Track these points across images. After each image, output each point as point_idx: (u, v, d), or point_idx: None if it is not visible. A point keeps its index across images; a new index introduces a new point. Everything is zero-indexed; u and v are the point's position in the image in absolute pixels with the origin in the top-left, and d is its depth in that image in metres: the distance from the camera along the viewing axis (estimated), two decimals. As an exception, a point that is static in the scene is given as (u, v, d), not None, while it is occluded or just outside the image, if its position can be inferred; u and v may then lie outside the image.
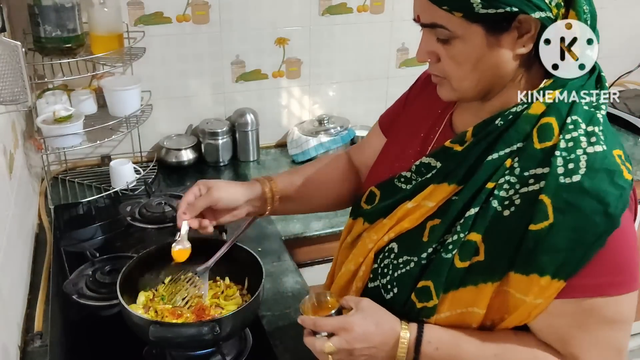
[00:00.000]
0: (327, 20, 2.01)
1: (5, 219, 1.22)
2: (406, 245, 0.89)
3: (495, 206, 0.80)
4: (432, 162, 0.89)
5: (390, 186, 0.95)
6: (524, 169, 0.79)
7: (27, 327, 1.23)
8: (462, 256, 0.82)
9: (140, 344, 1.10)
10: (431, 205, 0.86)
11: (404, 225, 0.89)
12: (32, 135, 1.67)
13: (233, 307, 1.11)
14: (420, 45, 0.85)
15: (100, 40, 1.61)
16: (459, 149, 0.85)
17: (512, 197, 0.79)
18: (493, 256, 0.80)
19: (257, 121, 1.99)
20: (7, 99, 1.19)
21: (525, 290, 0.78)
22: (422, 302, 0.85)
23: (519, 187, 0.79)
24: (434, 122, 0.97)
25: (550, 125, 0.78)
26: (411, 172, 0.92)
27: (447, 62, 0.81)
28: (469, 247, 0.81)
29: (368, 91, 2.19)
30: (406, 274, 0.87)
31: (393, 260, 0.90)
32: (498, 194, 0.80)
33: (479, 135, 0.83)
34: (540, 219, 0.76)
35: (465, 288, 0.83)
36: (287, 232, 1.60)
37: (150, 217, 1.56)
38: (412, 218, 0.88)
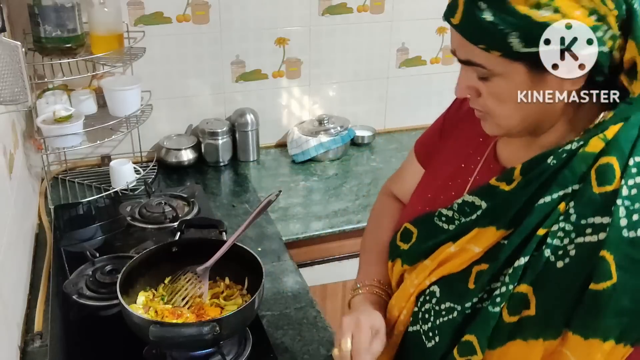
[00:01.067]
0: (327, 20, 2.01)
1: (5, 219, 1.21)
2: (449, 290, 0.82)
3: (547, 256, 0.72)
4: (477, 201, 0.81)
5: (429, 224, 0.87)
6: (580, 216, 0.71)
7: (27, 327, 1.23)
8: (510, 310, 0.74)
9: (140, 344, 1.10)
10: (477, 250, 0.79)
11: (447, 269, 0.82)
12: (32, 135, 1.67)
13: (233, 307, 1.11)
14: (460, 80, 0.77)
15: (100, 40, 1.61)
16: (506, 189, 0.77)
17: (566, 246, 0.72)
18: (546, 311, 0.73)
19: (257, 121, 1.99)
20: (7, 99, 1.19)
21: (585, 356, 0.70)
22: (464, 357, 0.78)
23: (574, 236, 0.71)
24: (474, 151, 0.89)
25: (611, 166, 0.70)
26: (453, 211, 0.84)
27: (489, 99, 0.75)
28: (519, 299, 0.74)
29: (368, 91, 2.19)
30: (448, 323, 0.81)
31: (434, 305, 0.83)
32: (551, 243, 0.72)
33: (529, 174, 0.75)
34: (602, 278, 0.68)
35: (514, 342, 0.75)
36: (287, 232, 1.60)
37: (150, 217, 1.56)
38: (455, 262, 0.81)
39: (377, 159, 2.06)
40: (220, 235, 1.38)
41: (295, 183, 1.89)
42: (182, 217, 1.55)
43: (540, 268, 0.73)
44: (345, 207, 1.73)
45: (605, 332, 0.69)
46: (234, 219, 1.64)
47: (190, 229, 1.42)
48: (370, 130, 2.17)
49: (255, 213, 1.15)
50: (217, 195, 1.81)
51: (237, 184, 1.90)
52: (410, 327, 0.88)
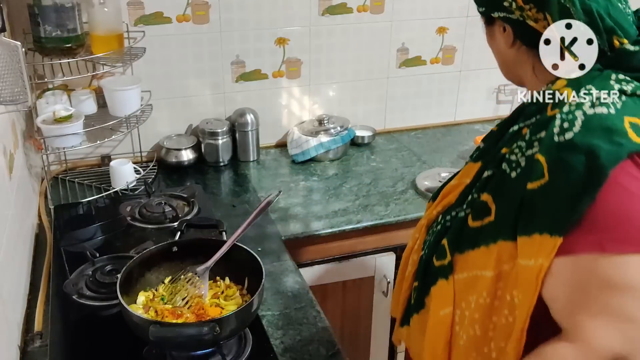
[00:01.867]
0: (327, 20, 2.01)
1: (5, 219, 1.21)
2: (448, 214, 0.98)
3: (504, 168, 0.86)
4: (481, 144, 0.98)
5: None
6: (532, 133, 0.83)
7: (27, 327, 1.23)
8: (474, 215, 0.88)
9: (140, 344, 1.10)
10: (467, 181, 0.95)
11: (449, 200, 0.99)
12: (32, 135, 1.67)
13: (233, 307, 1.11)
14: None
15: (100, 40, 1.61)
16: (494, 130, 0.95)
17: (519, 159, 0.84)
18: (500, 215, 0.84)
19: (257, 121, 1.99)
20: (7, 99, 1.19)
21: (530, 253, 0.78)
22: (439, 261, 0.93)
23: (525, 150, 0.83)
24: None
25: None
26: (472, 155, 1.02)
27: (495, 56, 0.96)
28: (481, 206, 0.87)
29: (368, 91, 2.19)
30: (433, 236, 0.97)
31: (436, 227, 0.99)
32: (509, 158, 0.86)
33: (510, 116, 0.92)
34: (537, 178, 0.78)
35: (478, 249, 0.87)
36: (287, 232, 1.60)
37: (150, 217, 1.56)
38: (454, 193, 0.98)
39: (377, 159, 2.06)
40: (220, 235, 1.38)
41: (295, 183, 1.89)
42: (182, 217, 1.55)
43: (498, 178, 0.87)
44: (345, 207, 1.73)
45: (541, 226, 0.77)
46: (234, 219, 1.64)
47: (190, 229, 1.42)
48: (370, 130, 2.17)
49: (255, 213, 1.15)
50: (217, 195, 1.81)
51: (237, 184, 1.90)
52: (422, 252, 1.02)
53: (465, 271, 0.89)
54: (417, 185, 1.82)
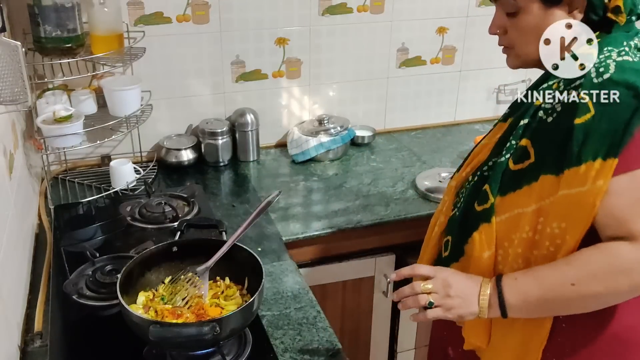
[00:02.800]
0: (327, 20, 2.01)
1: (5, 219, 1.21)
2: (478, 171, 1.06)
3: (540, 115, 0.97)
4: (507, 111, 1.08)
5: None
6: (566, 85, 0.95)
7: (27, 327, 1.23)
8: (515, 159, 0.98)
9: (140, 344, 1.10)
10: (496, 138, 1.06)
11: (480, 158, 1.08)
12: (32, 135, 1.67)
13: (233, 307, 1.11)
14: (493, 20, 1.03)
15: (100, 40, 1.61)
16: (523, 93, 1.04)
17: (554, 106, 0.95)
18: (542, 155, 0.94)
19: (257, 121, 1.99)
20: (7, 99, 1.19)
21: (582, 180, 0.89)
22: (480, 205, 1.01)
23: (560, 97, 0.95)
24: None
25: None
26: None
27: (514, 33, 1.00)
28: (520, 150, 0.97)
29: (368, 91, 2.19)
30: (470, 186, 1.06)
31: (467, 185, 1.08)
32: (544, 106, 0.97)
33: (536, 81, 1.03)
34: (583, 112, 0.89)
35: (520, 190, 0.96)
36: (287, 232, 1.60)
37: (150, 217, 1.56)
38: (483, 152, 1.07)
39: (377, 159, 2.06)
40: (220, 235, 1.38)
41: (295, 183, 1.89)
42: (182, 217, 1.55)
43: (535, 124, 0.97)
44: (345, 207, 1.73)
45: (595, 153, 0.88)
46: (234, 219, 1.64)
47: (190, 229, 1.42)
48: (370, 130, 2.17)
49: (255, 213, 1.15)
50: (217, 195, 1.81)
51: (237, 184, 1.90)
52: (452, 213, 1.11)
53: (507, 211, 0.98)
54: (417, 185, 1.82)
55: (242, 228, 1.14)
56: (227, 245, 1.13)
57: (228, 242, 1.14)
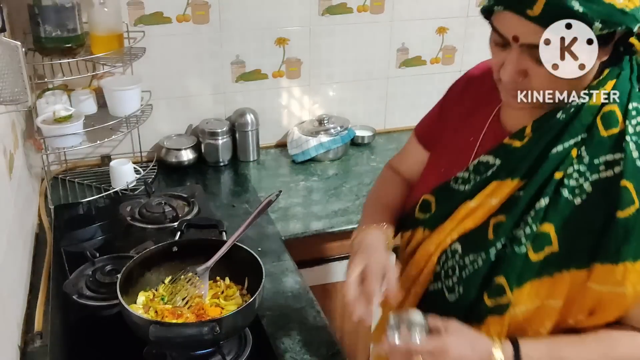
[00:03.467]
0: (327, 20, 2.01)
1: (5, 219, 1.21)
2: (471, 244, 0.89)
3: (566, 196, 0.81)
4: (491, 159, 0.90)
5: (446, 190, 0.95)
6: (593, 156, 0.81)
7: (27, 327, 1.23)
8: (535, 248, 0.82)
9: (140, 344, 1.10)
10: (495, 202, 0.87)
11: (467, 225, 0.89)
12: (32, 135, 1.67)
13: (233, 307, 1.11)
14: (509, 65, 0.81)
15: (100, 40, 1.61)
16: (518, 145, 0.87)
17: (582, 185, 0.81)
18: (569, 245, 0.81)
19: (257, 121, 1.99)
20: (7, 99, 1.19)
21: (618, 281, 0.79)
22: (493, 299, 0.85)
23: (589, 175, 0.81)
24: (480, 124, 0.97)
25: (614, 112, 0.81)
26: (469, 172, 0.92)
27: (541, 81, 0.81)
28: (543, 238, 0.82)
29: (368, 91, 2.19)
30: (474, 273, 0.87)
31: (458, 261, 0.90)
32: (568, 184, 0.82)
33: (539, 130, 0.85)
34: (626, 205, 0.78)
35: (540, 279, 0.83)
36: (287, 232, 1.60)
37: (150, 217, 1.56)
38: (475, 217, 0.89)
39: (377, 159, 2.06)
40: (220, 235, 1.38)
41: (295, 183, 1.89)
42: (182, 217, 1.55)
43: (561, 207, 0.81)
44: (345, 207, 1.73)
45: (635, 253, 0.78)
46: (234, 219, 1.64)
47: (190, 229, 1.42)
48: (370, 130, 2.17)
49: (255, 213, 1.15)
50: (217, 195, 1.81)
51: (237, 184, 1.90)
52: (431, 285, 0.94)
53: (523, 303, 0.84)
54: (417, 185, 1.82)
55: (242, 228, 1.14)
56: (227, 245, 1.13)
57: (228, 242, 1.14)
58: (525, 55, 0.79)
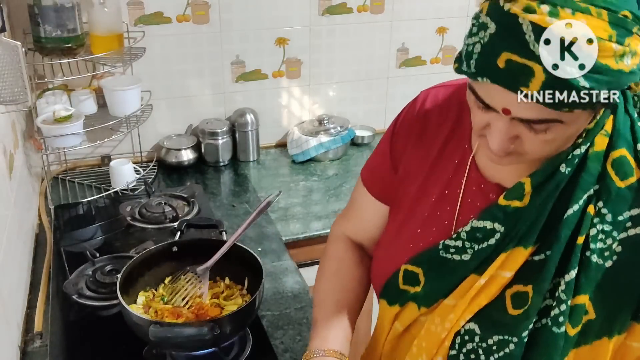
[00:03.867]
0: (327, 20, 2.01)
1: (5, 219, 1.21)
2: (490, 322, 0.79)
3: (595, 261, 0.73)
4: (489, 224, 0.78)
5: (434, 259, 0.83)
6: (616, 213, 0.73)
7: (27, 327, 1.23)
8: (573, 322, 0.74)
9: (140, 344, 1.10)
10: (508, 275, 0.77)
11: (481, 302, 0.79)
12: (32, 135, 1.67)
13: (233, 307, 1.11)
14: (501, 135, 0.70)
15: (100, 40, 1.61)
16: (519, 205, 0.76)
17: (611, 246, 0.73)
18: (607, 311, 0.74)
19: (257, 121, 1.99)
20: (7, 99, 1.19)
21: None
22: None
23: (616, 234, 0.73)
24: (453, 175, 0.85)
25: (625, 158, 0.72)
26: (462, 240, 0.80)
27: (535, 145, 0.70)
28: (579, 310, 0.74)
29: (368, 91, 2.19)
30: (506, 356, 0.77)
31: (480, 343, 0.79)
32: (595, 247, 0.73)
33: (543, 187, 0.74)
34: None
35: (577, 350, 0.76)
36: (287, 232, 1.60)
37: (150, 217, 1.56)
38: (487, 293, 0.78)
39: (377, 159, 2.06)
40: (220, 235, 1.38)
41: (295, 183, 1.89)
42: (182, 217, 1.55)
43: (592, 274, 0.72)
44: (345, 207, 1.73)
45: None
46: (234, 219, 1.64)
47: (191, 229, 1.42)
48: (370, 130, 2.17)
49: (255, 213, 1.15)
50: (217, 195, 1.81)
51: (237, 184, 1.90)
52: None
53: None
54: (417, 185, 1.82)
55: (242, 228, 1.14)
56: (227, 245, 1.13)
57: (228, 242, 1.14)
58: (516, 123, 0.68)
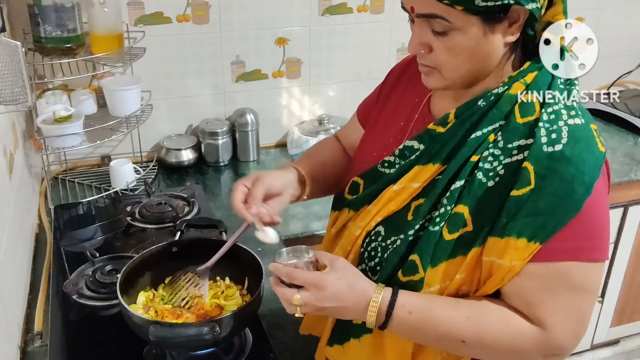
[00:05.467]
0: (327, 20, 2.01)
1: (5, 219, 1.22)
2: (393, 226, 0.91)
3: (480, 178, 0.84)
4: (416, 144, 0.92)
5: (373, 173, 0.97)
6: (507, 141, 0.83)
7: (27, 327, 1.23)
8: (450, 228, 0.84)
9: (140, 344, 1.10)
10: (416, 186, 0.89)
11: (390, 207, 0.91)
12: (32, 135, 1.67)
13: (233, 307, 1.11)
14: (413, 38, 0.86)
15: (100, 40, 1.61)
16: (442, 131, 0.89)
17: (496, 168, 0.83)
18: (479, 225, 0.84)
19: (257, 121, 1.99)
20: (7, 99, 1.19)
21: (500, 253, 0.82)
22: (407, 276, 0.87)
23: (502, 158, 0.83)
24: (411, 110, 1.00)
25: (532, 103, 0.84)
26: (395, 156, 0.94)
27: (442, 54, 0.83)
28: (457, 219, 0.84)
29: (368, 91, 2.17)
30: (393, 252, 0.89)
31: (381, 242, 0.92)
32: (482, 167, 0.84)
33: (461, 116, 0.87)
34: (523, 185, 0.80)
35: (454, 259, 0.85)
36: (287, 232, 1.60)
37: (150, 217, 1.56)
38: (397, 200, 0.91)
39: (377, 159, 2.06)
40: (220, 235, 1.38)
41: (295, 183, 1.89)
42: (182, 217, 1.55)
43: (474, 189, 0.83)
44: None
45: (519, 231, 0.80)
46: (234, 219, 1.63)
47: (190, 229, 1.42)
48: (370, 130, 2.17)
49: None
50: (217, 195, 1.81)
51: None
52: (358, 267, 0.93)
53: (437, 284, 0.86)
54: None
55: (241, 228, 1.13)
56: (227, 245, 1.13)
57: (228, 242, 1.13)
58: (425, 28, 0.83)
